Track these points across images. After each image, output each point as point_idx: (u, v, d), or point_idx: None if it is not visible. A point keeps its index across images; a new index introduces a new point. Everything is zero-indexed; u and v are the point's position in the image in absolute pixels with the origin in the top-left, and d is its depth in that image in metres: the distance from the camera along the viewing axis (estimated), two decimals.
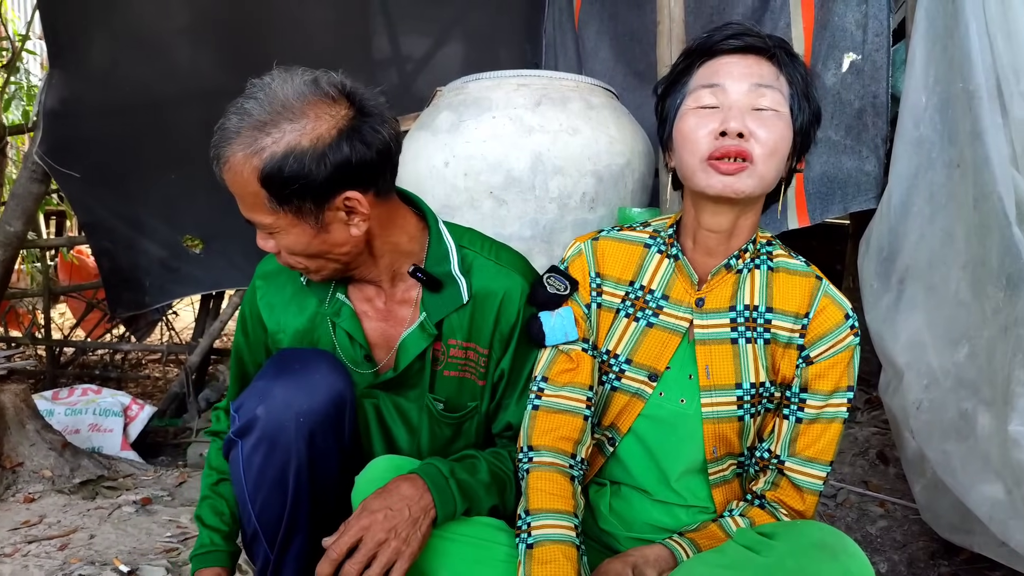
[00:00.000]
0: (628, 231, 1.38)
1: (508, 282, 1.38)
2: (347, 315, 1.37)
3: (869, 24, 2.05)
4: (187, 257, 3.42)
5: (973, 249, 1.55)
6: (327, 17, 3.28)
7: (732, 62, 1.21)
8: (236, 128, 1.19)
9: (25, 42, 4.48)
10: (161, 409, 3.32)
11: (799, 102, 1.22)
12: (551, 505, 1.22)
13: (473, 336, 1.38)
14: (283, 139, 1.17)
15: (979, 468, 1.51)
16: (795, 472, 1.27)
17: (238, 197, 1.25)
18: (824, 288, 1.27)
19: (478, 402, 1.42)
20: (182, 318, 4.83)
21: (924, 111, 1.75)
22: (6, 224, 3.39)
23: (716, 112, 1.20)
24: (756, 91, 1.19)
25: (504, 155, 1.99)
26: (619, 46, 2.84)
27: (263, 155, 1.17)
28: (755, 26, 1.25)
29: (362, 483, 1.26)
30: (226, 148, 1.20)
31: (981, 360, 1.52)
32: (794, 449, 1.27)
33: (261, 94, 1.21)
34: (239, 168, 1.19)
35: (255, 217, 1.26)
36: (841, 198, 2.10)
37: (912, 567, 1.88)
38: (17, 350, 2.93)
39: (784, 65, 1.22)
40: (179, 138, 3.30)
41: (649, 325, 1.30)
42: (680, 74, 1.27)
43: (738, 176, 1.18)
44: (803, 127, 1.24)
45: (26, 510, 2.11)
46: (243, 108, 1.20)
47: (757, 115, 1.19)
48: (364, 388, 1.41)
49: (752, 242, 1.29)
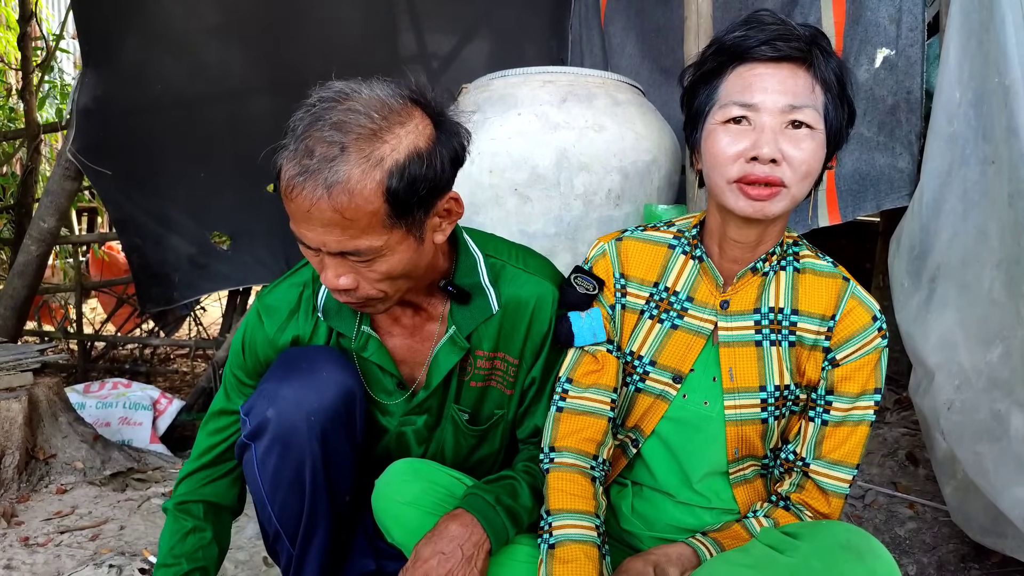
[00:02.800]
0: (652, 231, 1.35)
1: (539, 289, 1.35)
2: (374, 347, 1.33)
3: (903, 19, 2.01)
4: (215, 253, 3.46)
5: (1007, 247, 1.52)
6: (353, 15, 3.30)
7: (766, 74, 1.15)
8: (341, 145, 1.05)
9: (59, 41, 4.56)
10: (189, 403, 3.36)
11: (835, 109, 1.18)
12: (572, 505, 1.22)
13: (502, 346, 1.35)
14: (401, 144, 1.09)
15: (1012, 470, 1.48)
16: (821, 475, 1.25)
17: (340, 226, 1.08)
18: (851, 290, 1.25)
19: (504, 410, 1.40)
20: (210, 313, 4.89)
21: (958, 107, 1.71)
22: (40, 220, 3.46)
23: (747, 131, 1.15)
24: (790, 111, 1.14)
25: (529, 152, 1.99)
26: (646, 42, 2.82)
27: (385, 165, 1.07)
28: (785, 22, 1.19)
29: (381, 486, 1.26)
30: (334, 171, 1.04)
31: (1015, 360, 1.49)
32: (820, 452, 1.25)
33: (353, 104, 1.09)
34: (358, 187, 1.05)
35: (358, 244, 1.10)
36: (874, 195, 2.07)
37: (942, 570, 1.85)
38: (50, 344, 2.98)
39: (819, 71, 1.16)
40: (208, 136, 3.35)
41: (674, 327, 1.29)
42: (710, 74, 1.21)
43: (770, 201, 1.15)
44: (837, 131, 1.20)
45: (59, 501, 2.15)
46: (337, 123, 1.07)
47: (791, 135, 1.14)
48: (400, 417, 1.39)
49: (780, 244, 1.27)
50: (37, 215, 3.51)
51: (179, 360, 4.69)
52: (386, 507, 1.27)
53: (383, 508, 1.27)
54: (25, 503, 2.12)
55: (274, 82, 3.31)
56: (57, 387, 2.42)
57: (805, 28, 1.18)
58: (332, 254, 1.12)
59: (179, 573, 1.34)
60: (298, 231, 1.12)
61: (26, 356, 2.35)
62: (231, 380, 1.42)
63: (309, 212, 1.07)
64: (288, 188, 1.07)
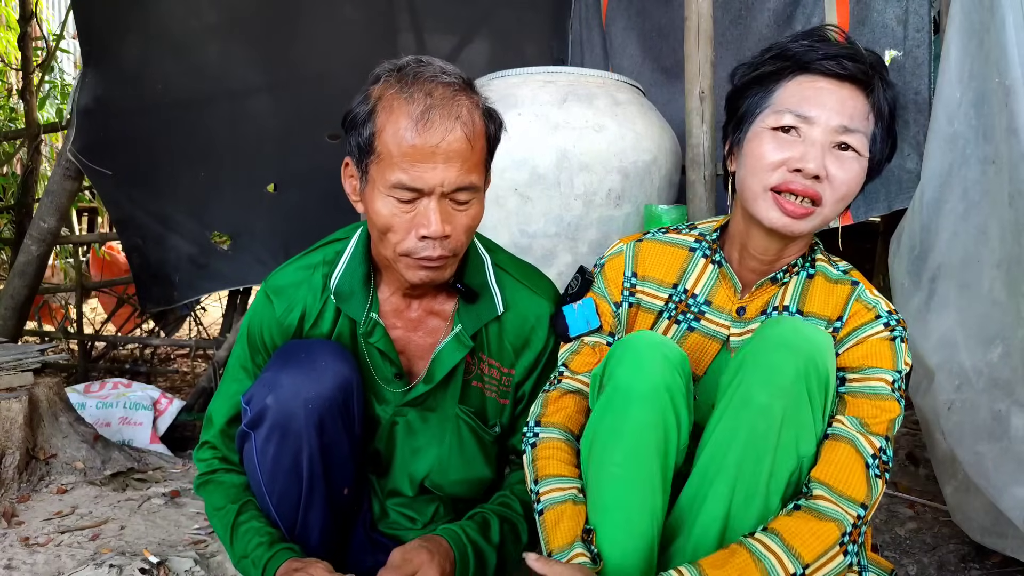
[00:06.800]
0: (674, 233, 1.36)
1: (538, 308, 1.38)
2: (380, 335, 1.35)
3: (910, 19, 2.02)
4: (215, 253, 3.46)
5: (1008, 247, 1.52)
6: (353, 15, 3.30)
7: (827, 90, 1.15)
8: (454, 87, 1.19)
9: (59, 41, 4.57)
10: (189, 403, 3.36)
11: (882, 140, 1.18)
12: (557, 471, 1.22)
13: (501, 355, 1.38)
14: (482, 100, 1.24)
15: (1013, 470, 1.48)
16: (844, 426, 1.14)
17: (462, 158, 1.18)
18: (857, 293, 1.24)
19: (498, 420, 1.42)
20: (210, 313, 4.89)
21: (958, 107, 1.71)
22: (40, 220, 3.46)
23: (795, 142, 1.15)
24: (843, 132, 1.14)
25: (529, 152, 1.99)
26: (646, 42, 2.82)
27: (483, 108, 1.22)
28: (852, 42, 1.18)
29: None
30: (458, 104, 1.17)
31: (1015, 360, 1.49)
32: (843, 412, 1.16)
33: (442, 65, 1.22)
34: (476, 119, 1.20)
35: (472, 178, 1.20)
36: (885, 196, 2.09)
37: (942, 570, 1.85)
38: (50, 344, 2.98)
39: (877, 99, 1.16)
40: (208, 136, 3.35)
41: (690, 329, 1.29)
42: (767, 77, 1.20)
43: (802, 219, 1.15)
44: (879, 162, 1.19)
45: (59, 501, 2.15)
46: (440, 72, 1.20)
47: (837, 155, 1.14)
48: (396, 407, 1.40)
49: (802, 257, 1.26)
50: (37, 215, 3.51)
51: (179, 360, 4.69)
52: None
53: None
54: (25, 503, 2.12)
55: (274, 82, 3.30)
56: (57, 387, 2.42)
57: (870, 53, 1.18)
58: (445, 194, 1.19)
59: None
60: (413, 175, 1.17)
61: (26, 356, 2.35)
62: (237, 372, 1.43)
63: (438, 146, 1.15)
64: (419, 124, 1.15)
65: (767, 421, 1.07)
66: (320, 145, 3.19)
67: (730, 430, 1.10)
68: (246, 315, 1.42)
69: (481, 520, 1.33)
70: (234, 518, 1.33)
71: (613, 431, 1.12)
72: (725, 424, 1.11)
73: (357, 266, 1.35)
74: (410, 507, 1.45)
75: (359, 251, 1.36)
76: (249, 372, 1.41)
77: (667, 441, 1.12)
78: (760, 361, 1.08)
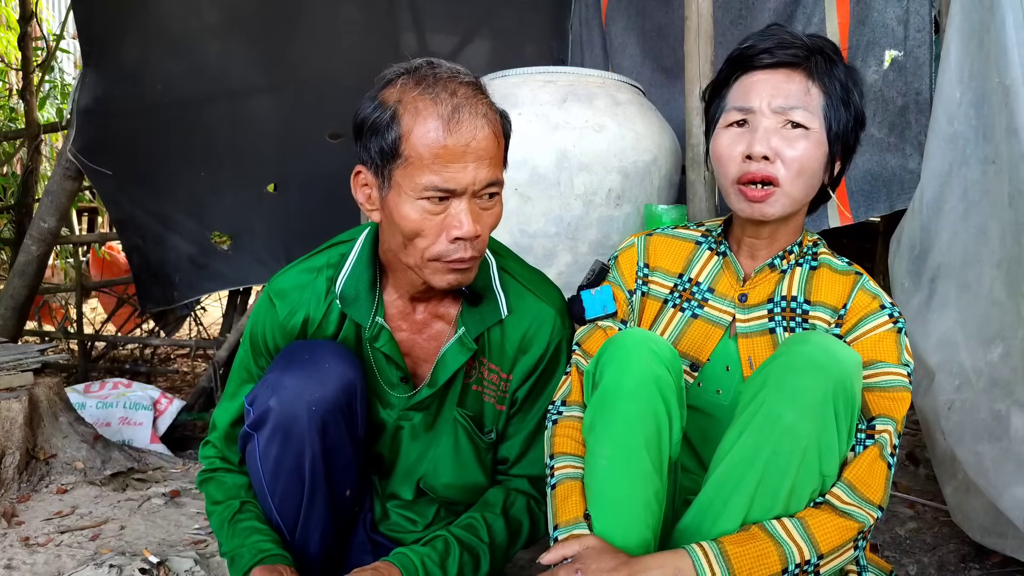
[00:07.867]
0: (683, 229, 1.44)
1: (541, 314, 1.38)
2: (386, 339, 1.35)
3: (910, 20, 2.02)
4: (215, 253, 3.46)
5: (1008, 247, 1.52)
6: (354, 15, 3.31)
7: (762, 80, 1.25)
8: (474, 86, 1.20)
9: (59, 41, 4.57)
10: (189, 403, 3.36)
11: (836, 111, 1.23)
12: (572, 449, 1.26)
13: (501, 359, 1.38)
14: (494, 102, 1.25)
15: (1013, 470, 1.48)
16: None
17: (491, 156, 1.19)
18: (862, 283, 1.29)
19: (495, 426, 1.41)
20: (210, 313, 4.89)
21: (958, 107, 1.71)
22: (40, 220, 3.46)
23: (745, 133, 1.25)
24: (783, 112, 1.22)
25: (529, 152, 1.99)
26: (646, 42, 2.82)
27: (495, 104, 1.23)
28: (791, 33, 1.26)
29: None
30: (481, 103, 1.19)
31: (1015, 360, 1.49)
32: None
33: (454, 66, 1.22)
34: (497, 118, 1.22)
35: (498, 174, 1.22)
36: (886, 196, 2.09)
37: (942, 570, 1.85)
38: (50, 344, 2.98)
39: (818, 75, 1.23)
40: (208, 136, 3.35)
41: (694, 316, 1.34)
42: (720, 85, 1.32)
43: (766, 202, 1.23)
44: (841, 135, 1.25)
45: (59, 501, 2.15)
46: (457, 73, 1.20)
47: (785, 134, 1.22)
48: (400, 411, 1.40)
49: (798, 244, 1.32)
50: (37, 215, 3.51)
51: (179, 360, 4.69)
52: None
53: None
54: (25, 503, 2.12)
55: (274, 82, 3.31)
56: (57, 387, 2.42)
57: (811, 38, 1.26)
58: (475, 193, 1.18)
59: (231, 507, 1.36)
60: (445, 176, 1.15)
61: (26, 356, 2.35)
62: (241, 374, 1.43)
63: (468, 144, 1.15)
64: (450, 123, 1.14)
65: (792, 441, 1.08)
66: (320, 145, 3.20)
67: (752, 447, 1.11)
68: (249, 318, 1.42)
69: (443, 547, 1.30)
70: (233, 514, 1.34)
71: (604, 425, 1.17)
72: (747, 441, 1.12)
73: (363, 270, 1.34)
74: (411, 509, 1.45)
75: (365, 254, 1.35)
76: (252, 375, 1.41)
77: (659, 434, 1.15)
78: (788, 380, 1.10)
